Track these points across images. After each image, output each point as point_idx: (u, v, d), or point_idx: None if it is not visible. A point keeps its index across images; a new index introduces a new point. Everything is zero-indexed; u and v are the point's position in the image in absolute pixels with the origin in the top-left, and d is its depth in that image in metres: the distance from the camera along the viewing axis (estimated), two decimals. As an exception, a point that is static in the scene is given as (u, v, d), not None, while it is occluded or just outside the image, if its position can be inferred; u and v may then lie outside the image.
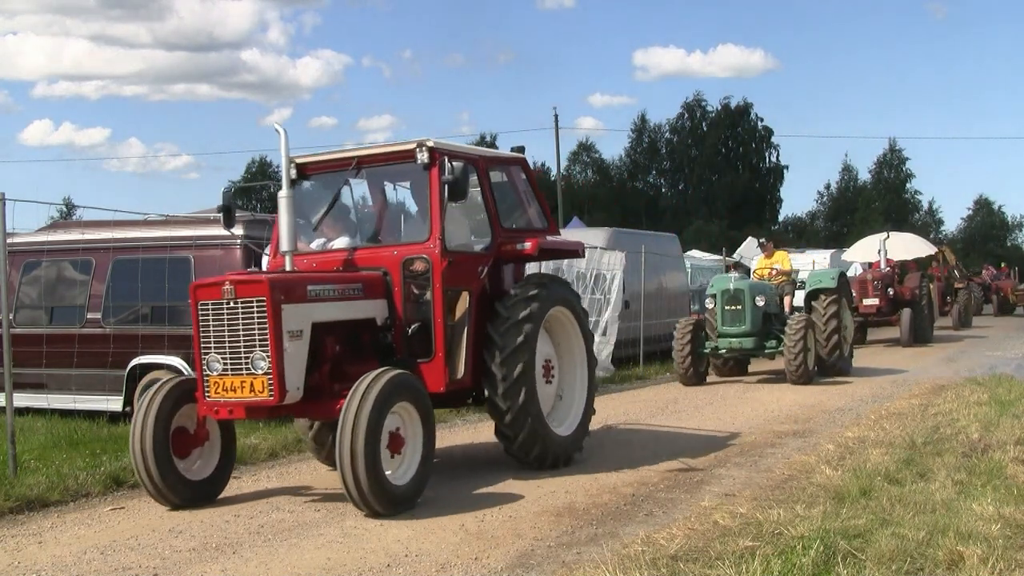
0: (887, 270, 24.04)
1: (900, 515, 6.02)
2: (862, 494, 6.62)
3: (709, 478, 7.86)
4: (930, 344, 23.24)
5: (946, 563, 5.09)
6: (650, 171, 72.67)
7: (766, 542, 5.51)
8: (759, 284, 15.82)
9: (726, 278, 15.77)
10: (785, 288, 16.35)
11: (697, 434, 10.15)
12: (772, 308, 15.68)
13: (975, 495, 6.51)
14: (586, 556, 5.60)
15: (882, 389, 14.02)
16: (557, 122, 48.92)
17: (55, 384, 11.56)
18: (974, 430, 8.94)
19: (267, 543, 6.16)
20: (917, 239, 31.73)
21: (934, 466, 7.55)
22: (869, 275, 23.95)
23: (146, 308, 11.44)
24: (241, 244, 11.20)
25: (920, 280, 24.57)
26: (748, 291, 15.11)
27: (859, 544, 5.38)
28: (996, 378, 13.48)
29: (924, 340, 23.44)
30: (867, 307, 23.15)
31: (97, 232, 11.87)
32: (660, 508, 6.85)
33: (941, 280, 31.00)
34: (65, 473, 8.01)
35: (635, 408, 12.47)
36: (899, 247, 26.88)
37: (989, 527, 5.64)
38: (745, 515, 6.18)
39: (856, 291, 22.03)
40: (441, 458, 9.12)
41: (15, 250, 11.38)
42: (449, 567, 5.53)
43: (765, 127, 70.64)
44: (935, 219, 75.85)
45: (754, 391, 14.33)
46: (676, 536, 5.79)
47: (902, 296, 23.69)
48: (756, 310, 15.07)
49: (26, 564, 5.86)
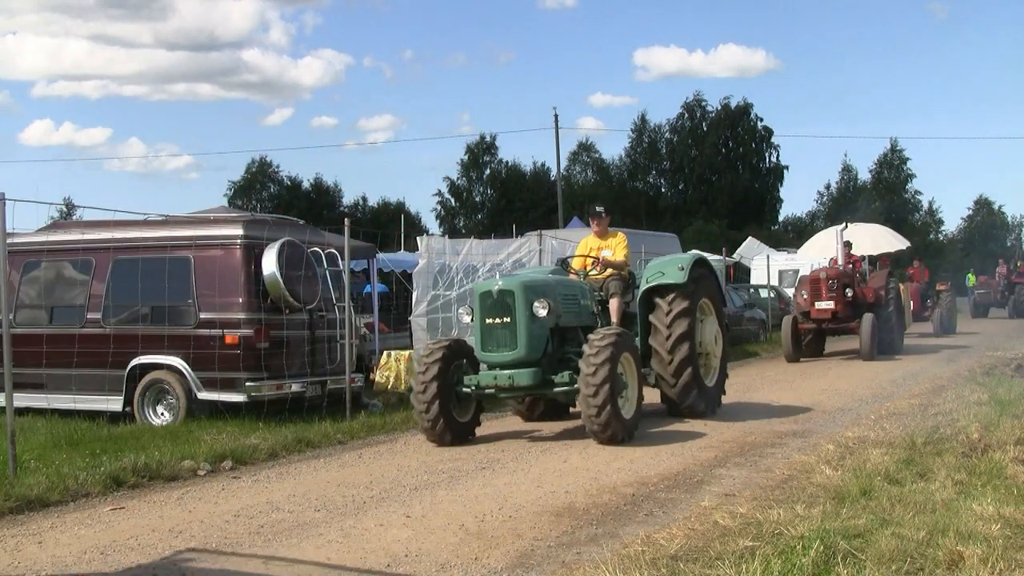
0: (846, 267, 20.52)
1: (900, 515, 6.02)
2: (862, 494, 6.62)
3: (709, 478, 7.86)
4: (897, 356, 19.81)
5: (946, 563, 5.09)
6: (650, 171, 72.64)
7: (766, 542, 5.51)
8: (545, 282, 10.47)
9: (493, 279, 10.67)
10: (612, 287, 11.14)
11: (696, 434, 10.15)
12: (582, 317, 10.75)
13: (975, 495, 6.51)
14: (586, 556, 5.60)
15: (882, 389, 14.03)
16: (557, 122, 48.94)
17: (55, 384, 11.57)
18: (974, 430, 8.93)
19: (267, 543, 6.16)
20: (886, 231, 28.47)
21: (934, 466, 7.55)
22: (823, 273, 20.22)
23: (146, 308, 11.45)
24: (241, 244, 11.21)
25: (886, 279, 21.06)
26: (521, 294, 9.75)
27: (859, 544, 5.38)
28: (996, 378, 13.49)
29: (891, 351, 20.03)
30: (820, 312, 19.61)
31: (97, 232, 11.88)
32: (660, 508, 6.84)
33: (920, 280, 28.75)
34: (65, 473, 8.01)
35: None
36: (864, 240, 23.52)
37: (989, 527, 5.64)
38: (745, 515, 6.18)
39: (808, 292, 19.85)
40: (441, 458, 9.13)
41: (15, 250, 11.39)
42: (449, 567, 5.53)
43: (765, 127, 70.63)
44: (935, 219, 75.92)
45: (754, 391, 14.33)
46: (676, 536, 5.79)
47: (864, 298, 20.08)
48: (536, 325, 9.79)
49: (26, 564, 5.86)
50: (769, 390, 14.39)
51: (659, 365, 10.83)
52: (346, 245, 12.00)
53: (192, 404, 11.10)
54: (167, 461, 8.62)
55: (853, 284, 20.05)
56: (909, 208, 72.80)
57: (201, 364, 11.02)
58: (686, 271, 11.00)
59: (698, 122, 71.77)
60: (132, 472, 8.21)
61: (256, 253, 11.21)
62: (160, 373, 11.29)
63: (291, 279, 11.24)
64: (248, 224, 11.61)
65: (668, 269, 11.11)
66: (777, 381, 15.76)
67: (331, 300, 12.22)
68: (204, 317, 11.10)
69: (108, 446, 9.36)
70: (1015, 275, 38.08)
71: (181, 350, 11.12)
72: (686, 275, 10.97)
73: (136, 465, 8.32)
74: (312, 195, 65.33)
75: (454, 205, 68.99)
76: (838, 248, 20.97)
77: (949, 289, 29.99)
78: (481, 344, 9.93)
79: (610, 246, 11.52)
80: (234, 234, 11.31)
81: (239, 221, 11.81)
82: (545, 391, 10.05)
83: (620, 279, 11.24)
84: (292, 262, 11.35)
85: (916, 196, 74.14)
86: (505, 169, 68.66)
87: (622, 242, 11.54)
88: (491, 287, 9.95)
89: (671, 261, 11.43)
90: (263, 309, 11.09)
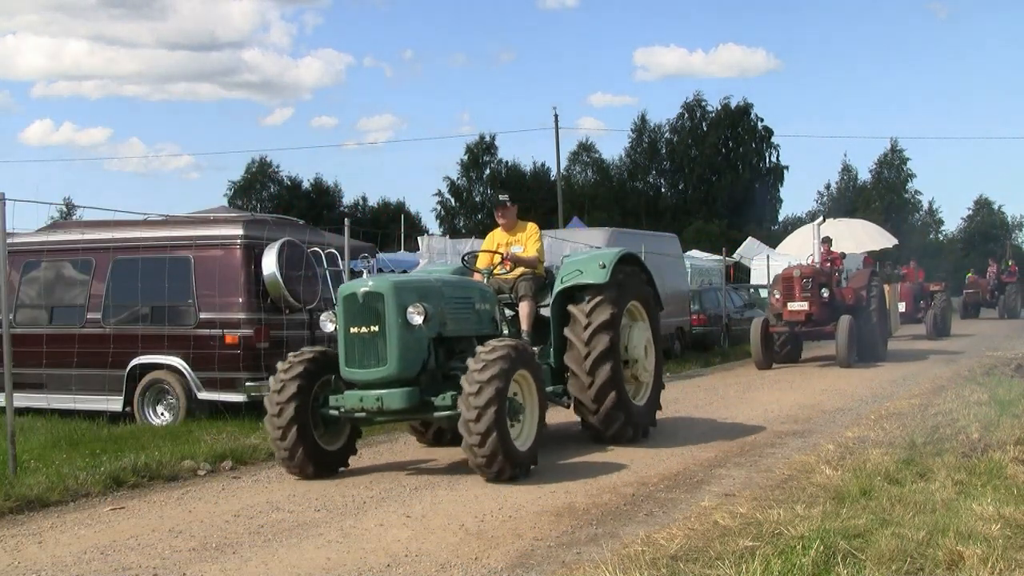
0: (824, 265, 18.90)
1: (900, 515, 6.02)
2: (862, 494, 6.62)
3: (709, 478, 7.86)
4: (880, 364, 18.13)
5: (946, 563, 5.09)
6: (650, 171, 72.67)
7: (766, 542, 5.51)
8: (425, 283, 8.67)
9: (362, 279, 8.81)
10: (522, 288, 9.46)
11: (697, 434, 10.15)
12: (479, 325, 8.95)
13: (975, 495, 6.51)
14: (586, 556, 5.60)
15: (882, 389, 14.04)
16: (557, 122, 48.88)
17: (55, 384, 11.58)
18: (974, 430, 8.93)
19: (267, 543, 6.16)
20: (871, 227, 26.48)
21: (934, 466, 7.55)
22: (797, 270, 18.33)
23: (146, 308, 11.46)
24: (241, 244, 11.21)
25: (869, 279, 19.20)
26: (391, 297, 8.02)
27: (859, 544, 5.38)
28: (996, 378, 13.49)
29: (873, 358, 18.34)
30: (793, 313, 17.91)
31: (97, 232, 11.89)
32: (660, 508, 6.84)
33: (915, 280, 27.82)
34: (65, 473, 8.01)
35: (635, 408, 12.46)
36: (844, 237, 21.75)
37: (989, 527, 5.64)
38: (745, 515, 6.18)
39: (780, 292, 18.21)
40: (441, 459, 9.13)
41: (15, 250, 11.39)
42: (449, 567, 5.52)
43: (765, 127, 70.66)
44: (935, 219, 75.96)
45: (754, 391, 14.34)
46: (676, 536, 5.78)
47: (843, 299, 18.51)
48: (410, 335, 8.05)
49: (26, 564, 5.86)
50: (768, 390, 14.39)
51: (577, 388, 9.23)
52: (346, 245, 12.01)
53: (192, 404, 11.12)
54: (167, 461, 8.62)
55: (830, 284, 18.39)
56: (909, 208, 72.83)
57: (201, 364, 11.03)
58: (608, 269, 9.34)
59: (698, 122, 71.80)
60: (132, 472, 8.21)
61: (256, 253, 11.22)
62: (160, 373, 11.30)
63: (291, 279, 11.25)
64: (248, 224, 11.62)
65: (587, 267, 9.45)
66: (777, 381, 15.76)
67: (331, 300, 12.21)
68: (204, 317, 11.11)
69: (108, 446, 9.36)
70: (1005, 275, 37.89)
71: (181, 350, 11.12)
72: (608, 274, 9.32)
73: (136, 465, 8.32)
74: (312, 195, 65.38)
75: (454, 205, 69.02)
76: (815, 244, 19.38)
77: (943, 289, 29.00)
78: (345, 358, 8.15)
79: (520, 240, 9.84)
80: (234, 234, 11.32)
81: (239, 221, 11.82)
82: (424, 415, 8.47)
83: (533, 278, 9.55)
84: (292, 262, 11.36)
85: (916, 196, 74.25)
86: (505, 169, 68.70)
87: (534, 234, 9.84)
88: (356, 289, 8.23)
89: (592, 258, 9.73)
90: (263, 309, 11.10)
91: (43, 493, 7.51)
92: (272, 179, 67.94)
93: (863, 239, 23.78)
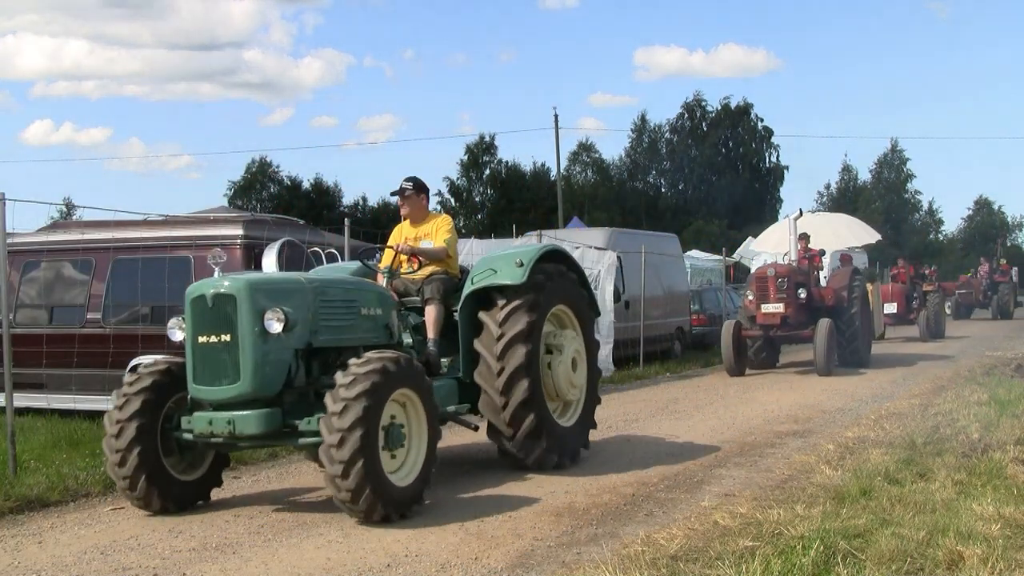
0: (801, 263, 17.31)
1: (900, 515, 6.02)
2: (862, 494, 6.62)
3: (709, 478, 7.86)
4: (863, 370, 16.86)
5: (946, 563, 5.09)
6: (650, 171, 72.66)
7: (766, 542, 5.51)
8: (291, 283, 7.13)
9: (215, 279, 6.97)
10: (428, 290, 8.08)
11: (697, 434, 10.15)
12: (364, 333, 7.44)
13: (975, 495, 6.51)
14: (586, 556, 5.60)
15: (882, 389, 14.04)
16: (557, 122, 48.90)
17: (55, 384, 11.58)
18: (974, 430, 8.94)
19: (267, 543, 6.16)
20: (853, 222, 24.22)
21: (934, 466, 7.55)
22: (771, 270, 16.76)
23: (146, 308, 11.46)
24: (241, 244, 11.21)
25: (851, 278, 17.55)
26: (246, 301, 6.67)
27: (859, 544, 5.39)
28: (996, 378, 13.50)
29: (855, 363, 17.02)
30: (767, 316, 16.40)
31: (97, 232, 11.89)
32: (660, 508, 6.84)
33: (904, 280, 27.15)
34: (65, 473, 8.02)
35: (635, 408, 12.48)
36: (825, 232, 20.02)
37: (989, 527, 5.64)
38: (745, 515, 6.18)
39: (754, 293, 16.71)
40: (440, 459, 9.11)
41: (15, 250, 11.40)
42: (449, 567, 5.53)
43: (765, 127, 70.63)
44: (935, 219, 75.96)
45: (754, 391, 14.34)
46: (676, 536, 5.79)
47: (821, 300, 16.99)
48: (269, 345, 6.69)
49: (26, 564, 5.86)
50: (769, 390, 14.40)
51: (489, 409, 7.93)
52: (346, 245, 12.01)
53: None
54: (167, 461, 8.60)
55: (808, 283, 16.83)
56: (909, 208, 72.85)
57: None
58: (527, 268, 7.98)
59: (698, 122, 71.77)
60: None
61: (256, 253, 11.21)
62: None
63: (291, 279, 11.23)
64: (248, 224, 11.62)
65: (502, 265, 8.06)
66: (776, 382, 15.76)
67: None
68: (204, 317, 11.08)
69: (108, 446, 9.35)
70: (997, 274, 37.42)
71: (181, 350, 11.10)
72: (526, 273, 7.96)
73: (136, 465, 8.30)
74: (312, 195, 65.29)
75: (454, 205, 68.98)
76: (791, 240, 17.51)
77: (937, 290, 28.18)
78: (192, 373, 6.80)
79: (429, 233, 8.44)
80: (234, 234, 11.32)
81: (239, 221, 11.83)
82: (287, 442, 7.10)
83: (444, 279, 8.18)
84: (292, 262, 11.34)
85: (916, 196, 74.26)
86: (505, 169, 68.64)
87: (444, 225, 8.45)
88: (205, 290, 6.80)
89: (509, 255, 8.26)
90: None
91: (43, 493, 7.51)
92: (272, 179, 67.88)
93: (844, 235, 21.85)
